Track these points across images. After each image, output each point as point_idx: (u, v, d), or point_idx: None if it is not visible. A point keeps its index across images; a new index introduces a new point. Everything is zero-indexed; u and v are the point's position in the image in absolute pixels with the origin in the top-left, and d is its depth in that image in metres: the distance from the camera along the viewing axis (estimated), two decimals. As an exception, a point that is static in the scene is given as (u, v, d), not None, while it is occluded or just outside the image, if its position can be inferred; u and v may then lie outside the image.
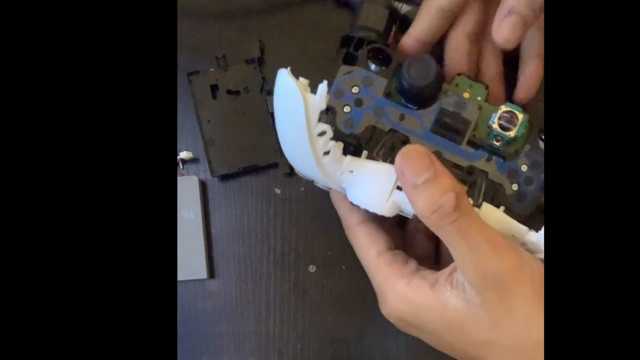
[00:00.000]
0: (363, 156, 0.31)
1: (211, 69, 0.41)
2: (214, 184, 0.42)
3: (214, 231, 0.42)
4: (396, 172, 0.29)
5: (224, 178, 0.42)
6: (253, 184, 0.42)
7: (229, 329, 0.41)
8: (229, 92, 0.41)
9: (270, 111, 0.41)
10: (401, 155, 0.29)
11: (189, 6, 0.42)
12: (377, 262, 0.32)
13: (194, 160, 0.42)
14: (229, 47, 0.41)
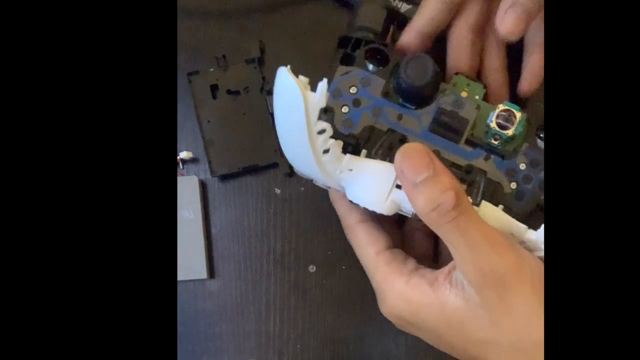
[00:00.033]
0: (362, 155, 0.31)
1: (211, 69, 0.41)
2: (214, 184, 0.42)
3: (214, 231, 0.42)
4: (396, 170, 0.29)
5: (224, 178, 0.42)
6: (253, 184, 0.42)
7: (229, 329, 0.41)
8: (229, 92, 0.41)
9: (270, 111, 0.41)
10: (400, 153, 0.29)
11: (189, 6, 0.42)
12: (376, 260, 0.32)
13: (194, 160, 0.42)
14: (229, 47, 0.41)
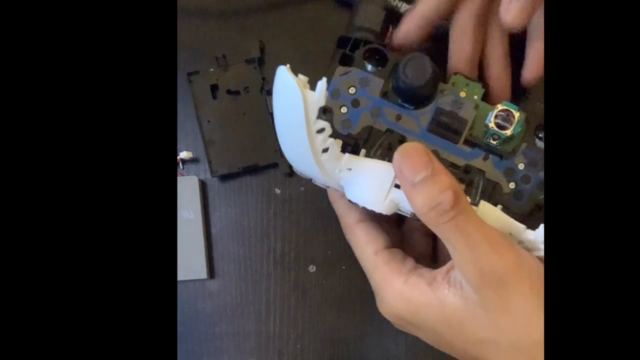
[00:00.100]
0: (361, 155, 0.32)
1: (211, 69, 0.41)
2: (214, 184, 0.42)
3: (214, 231, 0.42)
4: (394, 170, 0.29)
5: (224, 178, 0.42)
6: (253, 184, 0.42)
7: (229, 329, 0.41)
8: (229, 92, 0.41)
9: (270, 111, 0.41)
10: (399, 153, 0.29)
11: (189, 6, 0.42)
12: (375, 260, 0.32)
13: (194, 160, 0.42)
14: (229, 47, 0.42)
